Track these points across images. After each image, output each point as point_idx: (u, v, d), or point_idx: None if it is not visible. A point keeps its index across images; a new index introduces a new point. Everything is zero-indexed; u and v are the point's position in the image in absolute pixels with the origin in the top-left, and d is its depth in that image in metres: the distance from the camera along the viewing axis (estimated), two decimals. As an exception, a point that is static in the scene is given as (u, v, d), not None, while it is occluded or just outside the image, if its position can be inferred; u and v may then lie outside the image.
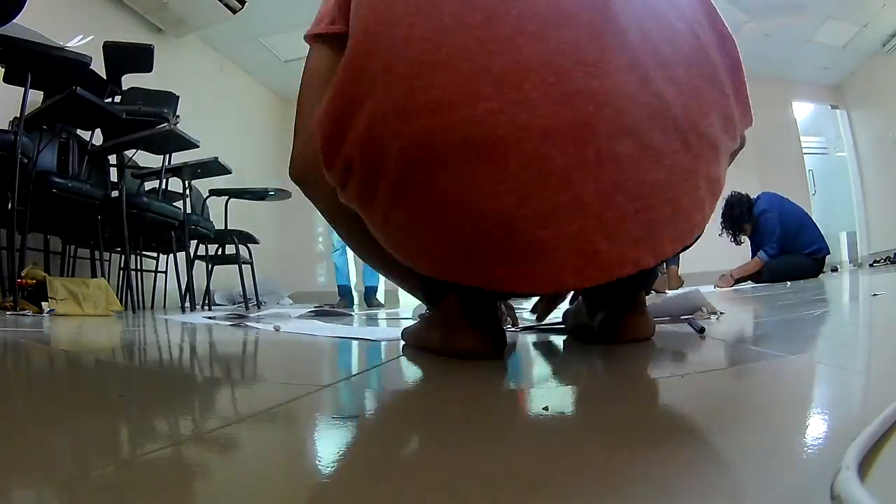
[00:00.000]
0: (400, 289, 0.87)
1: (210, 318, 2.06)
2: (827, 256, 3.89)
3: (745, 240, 3.94)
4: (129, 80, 3.06)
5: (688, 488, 0.25)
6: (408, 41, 0.54)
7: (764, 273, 3.71)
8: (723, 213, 3.81)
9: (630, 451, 0.31)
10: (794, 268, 3.67)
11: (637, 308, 0.75)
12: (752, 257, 3.85)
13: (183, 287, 3.19)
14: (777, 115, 5.83)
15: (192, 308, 3.19)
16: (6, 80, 2.35)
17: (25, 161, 2.15)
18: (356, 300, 4.33)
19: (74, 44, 2.30)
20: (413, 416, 0.44)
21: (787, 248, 3.72)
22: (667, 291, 3.01)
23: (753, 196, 3.88)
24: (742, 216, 3.79)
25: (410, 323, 0.89)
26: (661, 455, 0.30)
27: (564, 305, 0.95)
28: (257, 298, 3.83)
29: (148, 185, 3.28)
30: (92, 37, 2.47)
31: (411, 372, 0.69)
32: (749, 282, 3.81)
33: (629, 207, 0.54)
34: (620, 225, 0.54)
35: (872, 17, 4.74)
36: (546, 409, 0.43)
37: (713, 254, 3.89)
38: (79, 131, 2.81)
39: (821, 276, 3.74)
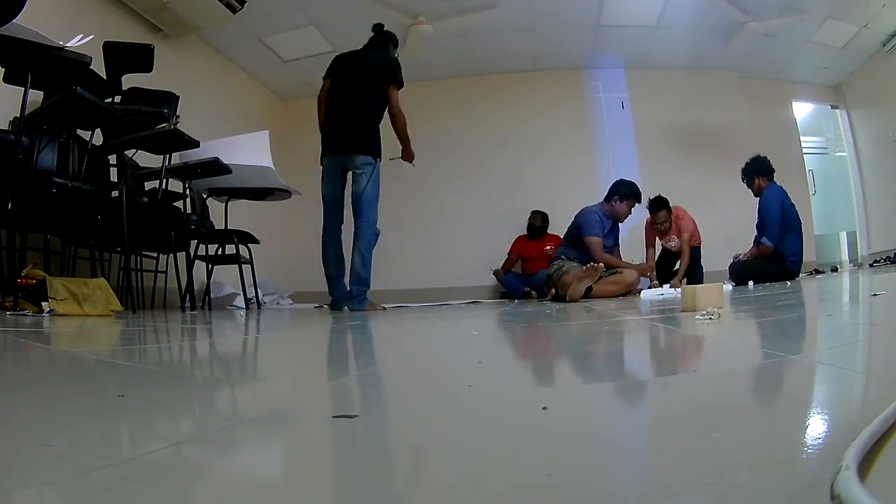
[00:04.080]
0: None
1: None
2: (802, 263, 3.93)
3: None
4: (129, 80, 3.05)
5: (687, 488, 0.25)
6: None
7: (730, 273, 3.76)
8: (746, 164, 4.00)
9: (629, 450, 0.31)
10: (758, 272, 3.69)
11: None
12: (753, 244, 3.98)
13: (183, 287, 3.18)
14: (777, 115, 5.82)
15: (192, 308, 3.19)
16: (6, 80, 2.35)
17: (25, 161, 2.15)
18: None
19: (74, 44, 2.29)
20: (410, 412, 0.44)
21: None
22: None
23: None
24: (756, 171, 3.91)
25: None
26: (660, 454, 0.30)
27: None
28: (258, 298, 3.83)
29: (148, 185, 3.28)
30: (92, 37, 2.46)
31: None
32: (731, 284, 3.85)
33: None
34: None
35: (872, 17, 4.74)
36: (545, 408, 0.43)
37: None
38: (79, 131, 2.81)
39: (800, 277, 3.78)
